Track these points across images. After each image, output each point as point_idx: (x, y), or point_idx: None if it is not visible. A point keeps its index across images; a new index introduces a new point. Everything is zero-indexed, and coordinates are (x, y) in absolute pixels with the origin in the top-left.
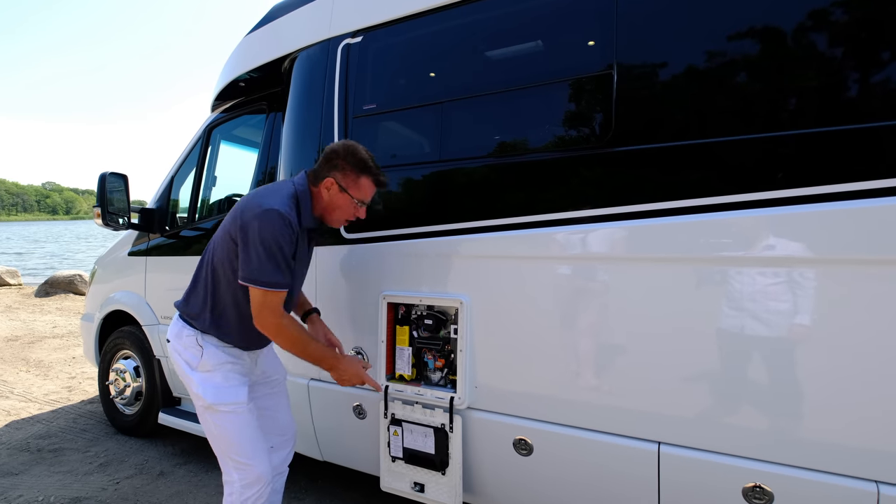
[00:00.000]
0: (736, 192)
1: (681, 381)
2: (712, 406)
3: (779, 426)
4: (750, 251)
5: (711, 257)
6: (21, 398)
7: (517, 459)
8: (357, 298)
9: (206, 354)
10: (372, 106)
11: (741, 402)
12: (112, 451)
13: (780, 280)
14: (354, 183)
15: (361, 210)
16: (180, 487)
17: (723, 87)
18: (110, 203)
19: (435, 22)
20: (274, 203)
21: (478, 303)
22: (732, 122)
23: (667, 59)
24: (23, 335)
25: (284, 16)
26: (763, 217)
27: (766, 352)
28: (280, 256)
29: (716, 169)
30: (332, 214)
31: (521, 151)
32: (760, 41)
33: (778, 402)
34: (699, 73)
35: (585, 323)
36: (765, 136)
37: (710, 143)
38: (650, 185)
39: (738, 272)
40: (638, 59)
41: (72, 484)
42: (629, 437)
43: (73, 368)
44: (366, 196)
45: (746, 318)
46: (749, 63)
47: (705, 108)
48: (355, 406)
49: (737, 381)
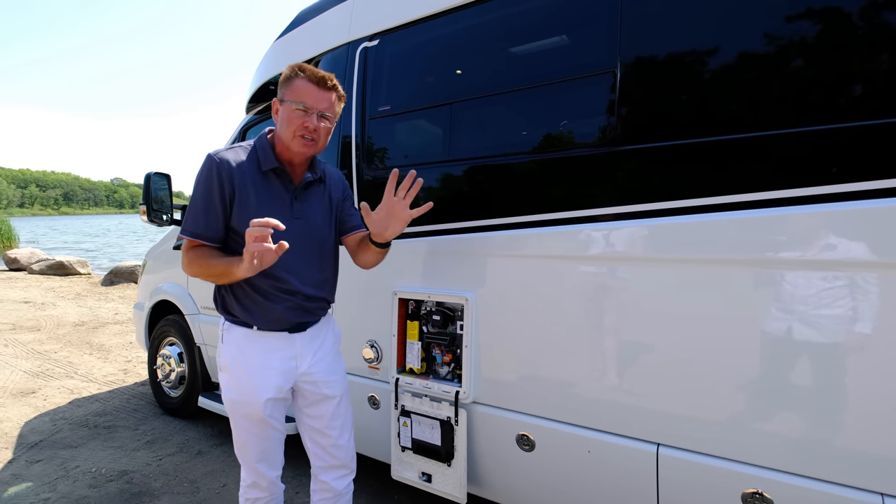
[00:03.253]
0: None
1: (681, 383)
2: (712, 409)
3: (781, 432)
4: (758, 253)
5: (720, 258)
6: (83, 378)
7: (520, 454)
8: (372, 294)
9: (224, 346)
10: (386, 107)
11: (742, 406)
12: (158, 430)
13: (787, 282)
14: (288, 89)
15: (309, 119)
16: (215, 466)
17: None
18: (155, 201)
19: (442, 25)
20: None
21: (482, 300)
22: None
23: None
24: (88, 321)
25: (309, 21)
26: (765, 217)
27: (770, 356)
28: (201, 200)
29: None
30: (284, 134)
31: (526, 151)
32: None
33: (781, 408)
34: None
35: (587, 322)
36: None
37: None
38: (655, 183)
39: (745, 273)
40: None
41: (121, 458)
42: (628, 437)
43: (129, 353)
44: (302, 97)
45: (751, 320)
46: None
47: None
48: (370, 396)
49: (739, 385)
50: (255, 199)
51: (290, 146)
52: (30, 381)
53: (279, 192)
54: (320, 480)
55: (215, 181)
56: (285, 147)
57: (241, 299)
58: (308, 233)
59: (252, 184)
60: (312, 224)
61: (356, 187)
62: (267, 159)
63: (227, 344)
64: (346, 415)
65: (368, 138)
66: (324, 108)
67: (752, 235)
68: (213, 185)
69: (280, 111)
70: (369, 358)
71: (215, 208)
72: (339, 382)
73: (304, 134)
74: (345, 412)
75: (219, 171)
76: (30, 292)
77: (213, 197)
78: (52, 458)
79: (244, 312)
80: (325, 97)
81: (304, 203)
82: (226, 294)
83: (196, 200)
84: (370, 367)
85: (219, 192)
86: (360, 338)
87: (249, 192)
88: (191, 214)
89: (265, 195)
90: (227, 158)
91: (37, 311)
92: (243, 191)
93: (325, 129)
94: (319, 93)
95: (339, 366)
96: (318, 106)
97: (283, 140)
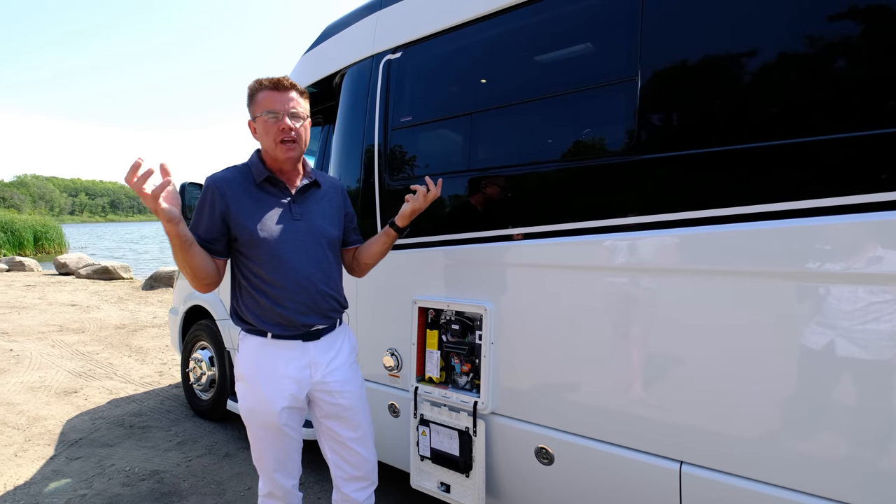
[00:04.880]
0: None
1: (706, 400)
2: (739, 427)
3: (814, 453)
4: (790, 266)
5: (748, 270)
6: (122, 379)
7: (539, 468)
8: (393, 302)
9: (240, 355)
10: (408, 118)
11: (772, 424)
12: (189, 432)
13: (827, 295)
14: (254, 104)
15: (281, 122)
16: (241, 469)
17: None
18: (189, 209)
19: (462, 36)
20: None
21: (501, 310)
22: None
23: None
24: (129, 324)
25: (336, 35)
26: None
27: (806, 373)
28: (197, 211)
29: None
30: (267, 145)
31: (544, 160)
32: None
33: (815, 427)
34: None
35: (607, 334)
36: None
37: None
38: (680, 193)
39: (777, 286)
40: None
41: (153, 458)
42: (650, 453)
43: (165, 356)
44: (268, 105)
45: (783, 335)
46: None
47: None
48: (389, 405)
49: (769, 402)
50: (253, 206)
51: (276, 155)
52: (73, 380)
53: (277, 198)
54: (342, 492)
55: (208, 198)
56: (272, 158)
57: (252, 307)
58: (310, 233)
59: (248, 194)
60: (313, 224)
61: (378, 196)
62: (259, 172)
63: (243, 353)
64: (365, 426)
65: (391, 148)
66: (290, 107)
67: (783, 246)
68: (206, 201)
69: (256, 128)
70: (389, 366)
71: (206, 218)
72: (355, 393)
73: (283, 138)
74: (364, 424)
75: (212, 189)
76: (77, 295)
77: (206, 210)
78: (90, 455)
79: (257, 319)
80: (287, 97)
81: (303, 206)
82: (239, 302)
83: (195, 212)
84: (390, 374)
85: (209, 206)
86: (380, 345)
87: (246, 201)
88: (192, 221)
89: (263, 202)
90: (219, 177)
91: (82, 314)
92: (239, 201)
93: (301, 128)
94: (280, 95)
95: (355, 376)
96: (285, 107)
97: (268, 151)
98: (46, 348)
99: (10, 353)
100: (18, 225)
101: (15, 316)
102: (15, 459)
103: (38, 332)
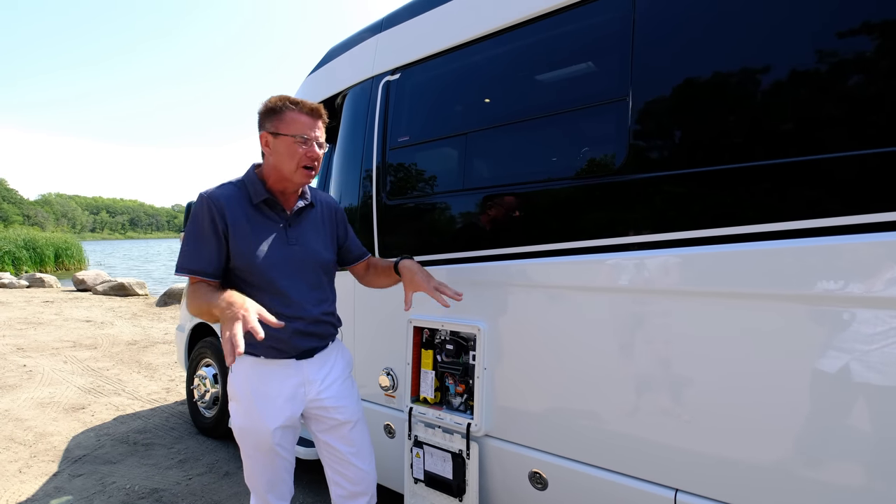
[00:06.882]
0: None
1: (703, 427)
2: (736, 456)
3: (819, 482)
4: (793, 288)
5: (749, 293)
6: (129, 396)
7: (533, 493)
8: (388, 321)
9: (233, 375)
10: (405, 138)
11: (773, 453)
12: (191, 449)
13: (835, 319)
14: (281, 121)
15: (311, 149)
16: (239, 489)
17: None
18: None
19: (457, 58)
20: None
21: (495, 330)
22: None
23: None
24: (140, 340)
25: (338, 57)
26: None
27: (809, 401)
28: (196, 237)
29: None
30: (285, 167)
31: (540, 180)
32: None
33: (820, 457)
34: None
35: (601, 358)
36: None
37: None
38: (675, 212)
39: (779, 309)
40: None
41: (154, 476)
42: (646, 480)
43: (173, 372)
44: (300, 129)
45: (785, 361)
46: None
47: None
48: (385, 425)
49: (766, 432)
50: (250, 231)
51: (293, 178)
52: (81, 396)
53: (273, 221)
54: None
55: (207, 218)
56: (283, 178)
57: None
58: (305, 257)
59: (245, 216)
60: (308, 248)
61: (376, 215)
62: (257, 192)
63: (236, 373)
64: (363, 441)
65: (389, 168)
66: (319, 135)
67: (784, 268)
68: (206, 221)
69: (275, 144)
70: (385, 385)
71: (210, 244)
72: (350, 408)
73: (307, 164)
74: (362, 438)
75: (210, 208)
76: (92, 311)
77: (208, 232)
78: (93, 472)
79: (249, 344)
80: (318, 125)
81: (298, 229)
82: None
83: (190, 237)
84: (386, 394)
85: (211, 227)
86: (376, 365)
87: (244, 225)
88: (185, 252)
89: (259, 226)
90: (218, 195)
91: (96, 330)
92: (237, 224)
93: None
94: (314, 122)
95: (350, 391)
96: (315, 135)
97: (282, 172)
98: (59, 364)
99: (23, 368)
100: (41, 242)
101: (31, 331)
102: (19, 476)
103: (52, 348)
